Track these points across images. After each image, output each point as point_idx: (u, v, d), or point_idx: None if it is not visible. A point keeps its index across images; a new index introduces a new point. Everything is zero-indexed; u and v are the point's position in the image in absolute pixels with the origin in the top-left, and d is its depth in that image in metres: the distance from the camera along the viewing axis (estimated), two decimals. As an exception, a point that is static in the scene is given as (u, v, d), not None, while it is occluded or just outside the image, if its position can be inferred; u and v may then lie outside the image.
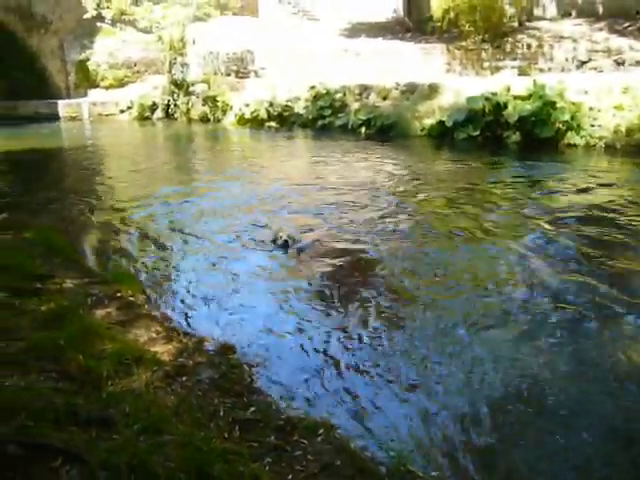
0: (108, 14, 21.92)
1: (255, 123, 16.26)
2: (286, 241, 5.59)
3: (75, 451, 2.23)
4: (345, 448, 2.59)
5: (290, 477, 2.36)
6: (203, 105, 18.14)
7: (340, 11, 23.13)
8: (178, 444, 2.31)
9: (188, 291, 4.77)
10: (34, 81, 22.49)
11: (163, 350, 3.39)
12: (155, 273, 5.27)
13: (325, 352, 3.69)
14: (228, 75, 19.27)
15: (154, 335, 3.62)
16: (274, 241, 5.72)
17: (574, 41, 15.02)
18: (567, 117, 10.70)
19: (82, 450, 2.24)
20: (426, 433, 2.88)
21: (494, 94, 11.82)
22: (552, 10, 17.69)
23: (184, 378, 3.08)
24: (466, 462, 2.70)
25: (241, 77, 19.25)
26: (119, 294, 4.28)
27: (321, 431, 2.68)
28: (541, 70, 14.74)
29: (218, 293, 4.71)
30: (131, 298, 4.26)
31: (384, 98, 14.64)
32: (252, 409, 2.84)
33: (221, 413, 2.75)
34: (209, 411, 2.75)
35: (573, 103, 10.86)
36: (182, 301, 4.56)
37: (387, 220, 6.56)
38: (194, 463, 2.19)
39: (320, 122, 14.95)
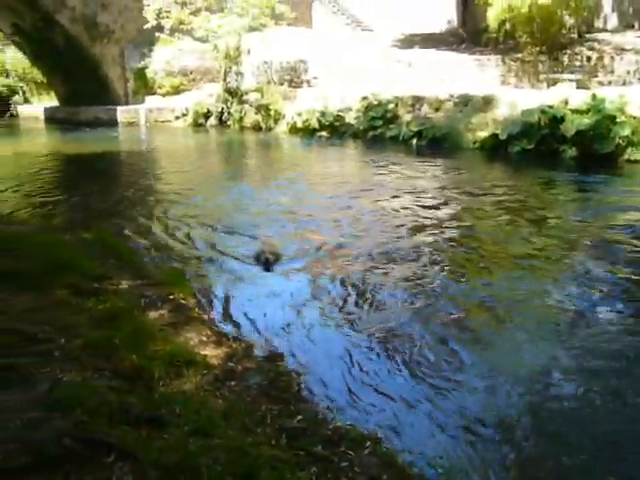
0: (167, 24, 22.51)
1: (306, 132, 16.39)
2: (267, 259, 5.27)
3: (127, 448, 2.27)
4: (392, 462, 2.56)
5: (336, 488, 2.35)
6: (256, 113, 18.40)
7: (394, 22, 23.13)
8: (227, 448, 2.33)
9: (239, 296, 4.83)
10: (95, 88, 23.34)
11: (213, 354, 3.43)
12: (206, 277, 5.35)
13: (375, 364, 3.66)
14: (281, 84, 19.51)
15: (204, 339, 3.67)
16: (257, 258, 5.44)
17: (637, 53, 14.58)
18: (628, 132, 10.36)
19: (134, 448, 2.28)
20: (477, 453, 2.81)
21: (550, 107, 11.56)
22: (613, 21, 17.24)
23: (233, 383, 3.11)
24: None
25: (294, 86, 19.45)
26: (171, 297, 4.36)
27: (368, 444, 2.65)
28: (600, 83, 14.34)
29: (269, 300, 4.75)
30: (182, 301, 4.34)
31: (437, 109, 14.53)
32: (299, 417, 2.84)
33: (268, 420, 2.76)
34: (257, 417, 2.77)
35: (634, 117, 10.53)
36: (232, 306, 4.62)
37: (422, 241, 6.24)
38: (242, 468, 2.20)
39: (371, 133, 14.93)
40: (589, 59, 15.20)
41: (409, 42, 20.20)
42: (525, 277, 5.15)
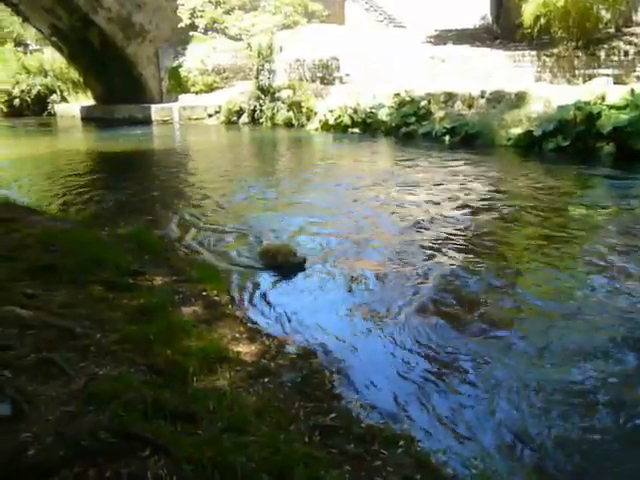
0: (201, 23, 22.73)
1: (338, 129, 16.36)
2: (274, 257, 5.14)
3: (162, 443, 2.29)
4: (426, 462, 2.53)
5: (369, 487, 2.33)
6: (288, 111, 18.45)
7: (427, 18, 22.97)
8: (260, 445, 2.33)
9: (272, 292, 4.84)
10: (130, 86, 23.72)
11: (246, 350, 3.44)
12: (239, 273, 5.37)
13: (407, 362, 3.63)
14: (313, 82, 19.53)
15: (237, 335, 3.69)
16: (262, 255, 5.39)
17: (677, 47, 14.16)
18: (667, 128, 10.08)
19: (168, 442, 2.30)
20: (512, 453, 2.76)
21: (587, 103, 11.31)
22: (653, 15, 16.76)
23: (266, 379, 3.11)
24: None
25: (326, 84, 19.45)
26: (204, 293, 4.39)
27: (401, 443, 2.62)
28: (639, 78, 13.97)
29: (302, 296, 4.75)
30: (216, 297, 4.37)
31: (470, 106, 14.35)
32: (332, 415, 2.82)
33: (302, 417, 2.76)
34: (290, 414, 2.77)
35: (675, 113, 10.23)
36: (265, 302, 4.62)
37: (442, 245, 6.10)
38: (276, 465, 2.20)
39: (403, 129, 14.83)
40: (626, 54, 14.82)
41: (442, 38, 19.99)
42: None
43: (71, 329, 3.33)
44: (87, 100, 27.58)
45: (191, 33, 22.88)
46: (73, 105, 28.08)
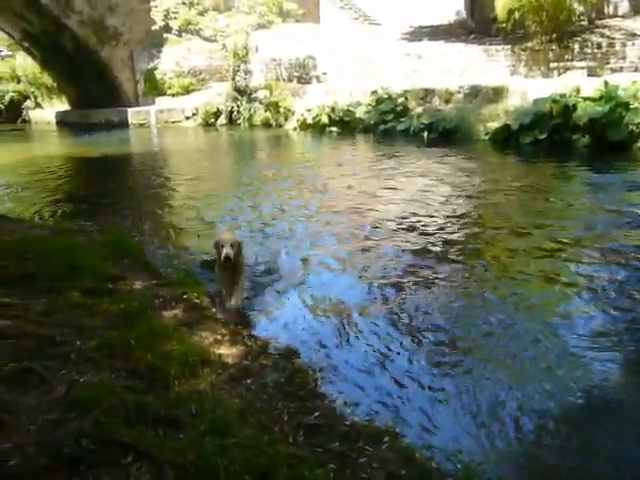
0: (175, 25, 22.56)
1: (316, 128, 16.36)
2: (228, 257, 4.29)
3: (144, 449, 2.28)
4: (411, 458, 2.53)
5: (355, 484, 2.33)
6: (265, 111, 18.42)
7: (401, 15, 23.00)
8: (243, 447, 2.32)
9: (252, 294, 4.82)
10: (106, 90, 23.47)
11: (228, 352, 3.43)
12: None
13: (390, 359, 3.64)
14: (290, 81, 19.49)
15: (219, 337, 3.67)
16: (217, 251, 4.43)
17: (649, 39, 14.36)
18: (641, 119, 10.24)
19: (151, 448, 2.28)
20: (495, 447, 2.79)
21: (562, 96, 11.45)
22: (624, 7, 16.98)
23: (249, 381, 3.10)
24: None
25: (303, 83, 19.43)
26: (185, 296, 4.36)
27: (386, 439, 2.63)
28: (612, 70, 14.16)
29: (284, 298, 4.75)
30: (196, 300, 4.33)
31: (447, 102, 14.45)
32: (316, 414, 2.83)
33: (285, 417, 2.76)
34: (273, 415, 2.76)
35: (648, 104, 10.39)
36: (246, 304, 4.61)
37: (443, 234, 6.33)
38: (259, 466, 2.20)
39: (382, 127, 14.88)
40: (600, 46, 14.98)
41: (418, 35, 20.06)
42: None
43: (51, 337, 3.29)
44: (62, 105, 27.24)
45: (165, 35, 22.70)
46: (48, 111, 27.70)
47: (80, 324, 3.53)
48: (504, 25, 16.41)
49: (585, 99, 11.19)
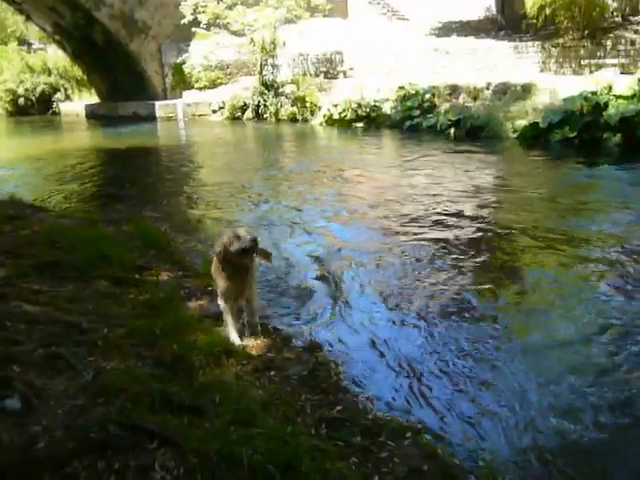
0: (204, 18, 22.67)
1: (343, 123, 16.32)
2: (246, 248, 3.43)
3: (169, 436, 2.30)
4: (433, 453, 2.52)
5: (376, 479, 2.32)
6: (292, 105, 18.42)
7: (430, 10, 22.79)
8: (267, 437, 2.34)
9: (276, 288, 4.84)
10: (134, 83, 23.73)
11: (252, 344, 3.45)
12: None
13: (414, 356, 3.62)
14: (317, 76, 19.46)
15: (243, 329, 3.69)
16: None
17: (684, 36, 14.04)
18: (675, 117, 10.01)
19: (175, 435, 2.31)
20: (519, 444, 2.76)
21: (593, 93, 11.24)
22: (660, 4, 16.61)
23: (272, 373, 3.12)
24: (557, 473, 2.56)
25: (330, 78, 19.39)
26: (210, 288, 4.39)
27: (408, 434, 2.62)
28: (646, 68, 13.87)
29: (309, 289, 4.76)
30: (221, 292, 4.36)
31: (474, 98, 14.29)
32: (339, 408, 2.83)
33: (308, 410, 2.76)
34: (296, 407, 2.77)
35: (682, 102, 10.15)
36: (270, 297, 4.63)
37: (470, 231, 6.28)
38: (282, 457, 2.20)
39: (408, 122, 14.76)
40: (633, 43, 14.67)
41: (446, 30, 19.88)
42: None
43: (78, 324, 3.34)
44: (91, 98, 27.60)
45: (194, 29, 22.81)
46: (77, 103, 28.10)
47: (107, 312, 3.59)
48: (534, 21, 16.17)
49: (617, 97, 10.97)
